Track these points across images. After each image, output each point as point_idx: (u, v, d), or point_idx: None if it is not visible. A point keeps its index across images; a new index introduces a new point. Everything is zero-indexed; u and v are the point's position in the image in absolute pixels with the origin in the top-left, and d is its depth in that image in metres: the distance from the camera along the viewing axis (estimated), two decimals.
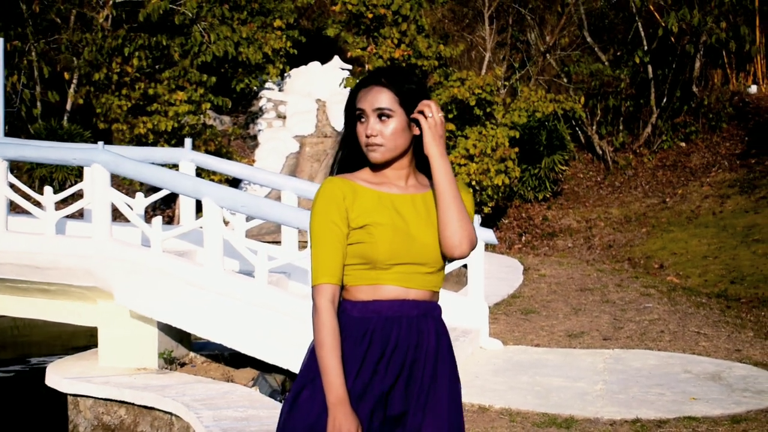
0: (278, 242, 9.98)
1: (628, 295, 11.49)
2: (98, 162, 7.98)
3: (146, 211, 13.12)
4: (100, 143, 8.28)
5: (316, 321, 2.90)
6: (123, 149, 9.60)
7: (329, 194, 2.93)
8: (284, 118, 21.40)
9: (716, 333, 9.69)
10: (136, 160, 8.22)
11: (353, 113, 3.01)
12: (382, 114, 2.95)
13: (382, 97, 2.96)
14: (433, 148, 2.94)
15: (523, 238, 16.89)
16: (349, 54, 18.67)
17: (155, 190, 11.40)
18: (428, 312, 3.01)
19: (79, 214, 10.22)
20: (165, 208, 17.53)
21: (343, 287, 2.98)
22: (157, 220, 8.04)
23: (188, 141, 9.83)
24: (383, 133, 2.96)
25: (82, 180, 16.23)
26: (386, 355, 2.92)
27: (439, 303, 3.09)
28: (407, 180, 3.06)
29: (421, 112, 2.96)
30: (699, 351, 8.99)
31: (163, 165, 9.49)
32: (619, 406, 7.14)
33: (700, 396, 7.40)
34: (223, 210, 7.82)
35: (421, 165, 3.08)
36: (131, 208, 8.56)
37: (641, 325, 10.05)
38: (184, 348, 8.65)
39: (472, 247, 2.99)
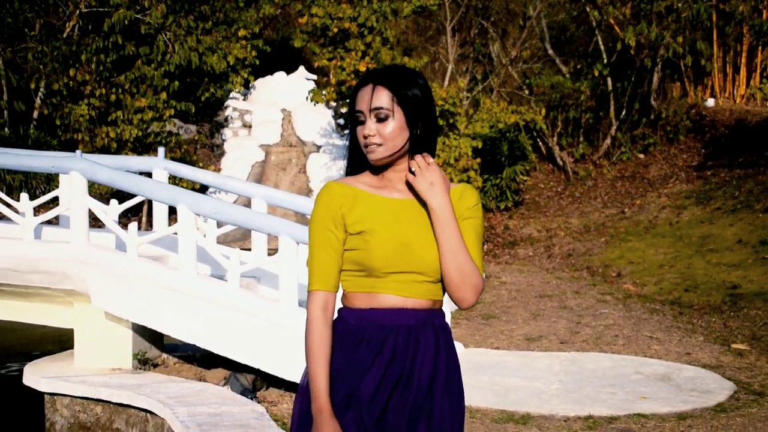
0: (245, 249, 10.40)
1: (585, 302, 12.03)
2: (76, 170, 8.39)
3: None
4: (78, 152, 8.68)
5: (306, 328, 2.90)
6: (99, 157, 9.99)
7: (326, 200, 2.93)
8: (250, 127, 21.81)
9: (668, 337, 10.23)
10: (113, 168, 8.63)
11: (354, 115, 2.99)
12: (379, 114, 2.91)
13: (379, 97, 2.91)
14: (428, 198, 2.91)
15: (485, 246, 17.37)
16: (315, 64, 19.07)
17: (124, 197, 11.75)
18: (428, 321, 2.95)
19: (54, 220, 10.59)
20: (132, 215, 17.87)
21: (343, 294, 2.98)
22: (133, 225, 8.46)
23: (161, 150, 10.25)
24: (381, 133, 2.91)
25: (49, 187, 16.68)
26: (382, 366, 2.86)
27: (442, 310, 3.04)
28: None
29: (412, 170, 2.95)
30: (651, 354, 9.52)
31: (136, 173, 9.88)
32: (573, 404, 7.64)
33: (650, 395, 7.91)
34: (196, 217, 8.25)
35: None
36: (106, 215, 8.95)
37: (597, 329, 10.57)
38: (157, 349, 9.05)
39: (478, 294, 2.94)
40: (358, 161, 3.04)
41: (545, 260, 16.25)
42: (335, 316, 2.98)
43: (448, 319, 9.12)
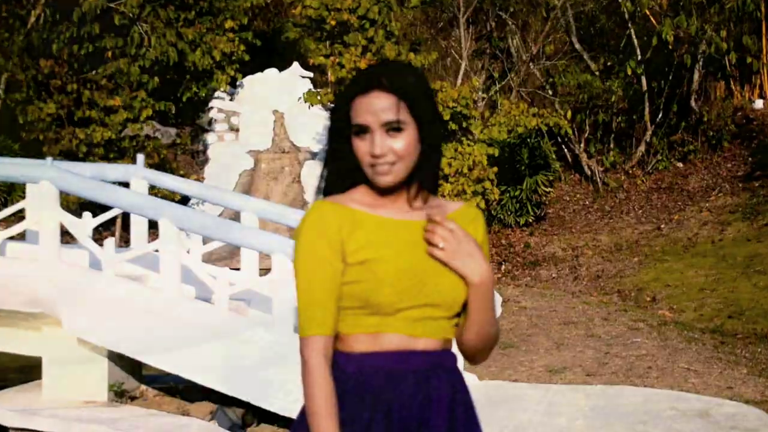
0: (232, 269, 10.58)
1: (615, 330, 12.20)
2: (47, 179, 8.60)
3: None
4: (49, 159, 8.90)
5: (307, 382, 2.71)
6: (71, 165, 10.21)
7: (320, 223, 2.76)
8: (237, 130, 22.02)
9: (707, 369, 10.40)
10: (87, 178, 8.85)
11: (345, 124, 2.82)
12: (391, 128, 2.74)
13: (390, 106, 2.74)
14: (468, 273, 2.79)
15: (503, 267, 17.43)
16: (311, 61, 19.21)
17: (94, 209, 11.93)
18: (440, 364, 2.82)
19: (19, 234, 10.78)
20: (103, 229, 18.06)
21: (336, 336, 2.79)
22: (110, 242, 8.67)
23: (140, 157, 10.47)
24: (395, 150, 2.74)
25: (10, 197, 16.86)
26: (392, 421, 2.74)
27: (452, 350, 2.91)
28: (412, 200, 2.87)
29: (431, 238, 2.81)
30: (688, 388, 9.69)
31: (113, 183, 10.09)
32: None
33: None
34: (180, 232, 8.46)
35: (425, 181, 2.88)
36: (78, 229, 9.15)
37: (628, 360, 10.75)
38: (136, 380, 9.23)
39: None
40: (341, 180, 2.87)
41: (570, 282, 16.37)
42: None
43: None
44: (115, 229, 18.22)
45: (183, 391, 9.16)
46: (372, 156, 2.75)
